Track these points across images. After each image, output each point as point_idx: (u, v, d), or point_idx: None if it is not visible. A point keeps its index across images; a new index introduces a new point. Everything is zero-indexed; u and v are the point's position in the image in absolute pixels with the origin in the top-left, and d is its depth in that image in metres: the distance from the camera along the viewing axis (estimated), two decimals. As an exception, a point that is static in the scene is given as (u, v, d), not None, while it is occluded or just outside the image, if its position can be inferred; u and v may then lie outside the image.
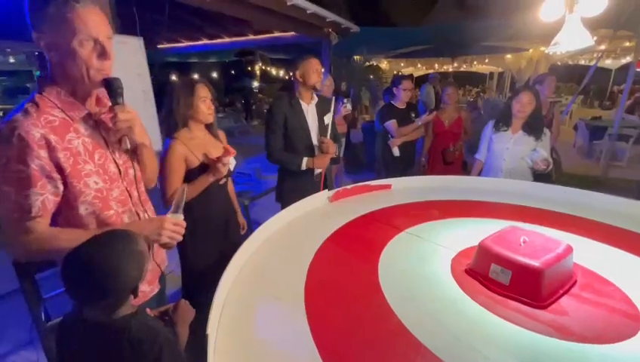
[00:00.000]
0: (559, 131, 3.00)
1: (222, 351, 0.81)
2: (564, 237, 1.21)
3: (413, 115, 3.06)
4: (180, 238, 0.99)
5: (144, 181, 1.16)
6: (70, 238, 0.86)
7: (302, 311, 0.95)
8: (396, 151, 3.04)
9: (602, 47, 6.68)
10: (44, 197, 0.86)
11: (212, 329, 0.83)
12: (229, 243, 1.69)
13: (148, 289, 1.15)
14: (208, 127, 1.66)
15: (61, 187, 0.90)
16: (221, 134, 1.74)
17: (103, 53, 0.89)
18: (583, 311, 0.96)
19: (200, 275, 1.64)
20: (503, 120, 2.32)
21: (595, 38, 6.43)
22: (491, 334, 0.88)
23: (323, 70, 2.08)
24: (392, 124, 2.98)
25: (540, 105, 2.24)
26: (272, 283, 1.11)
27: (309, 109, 2.10)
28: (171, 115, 1.53)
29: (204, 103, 1.55)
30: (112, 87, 0.94)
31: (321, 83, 2.05)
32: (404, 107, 3.06)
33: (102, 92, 1.00)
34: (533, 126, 2.22)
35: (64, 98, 0.91)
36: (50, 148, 0.85)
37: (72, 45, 0.84)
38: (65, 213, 0.95)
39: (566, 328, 0.89)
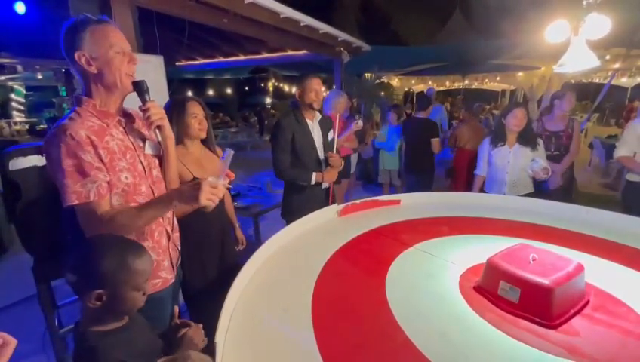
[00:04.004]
0: (579, 148, 2.89)
1: (229, 360, 0.82)
2: (575, 256, 1.19)
3: None
4: (217, 201, 1.01)
5: (169, 180, 1.28)
6: (126, 214, 1.02)
7: (309, 325, 0.96)
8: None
9: (616, 65, 6.63)
10: (98, 184, 0.99)
11: (220, 337, 0.84)
12: (225, 257, 1.69)
13: (164, 277, 1.22)
14: (205, 142, 1.68)
15: (108, 176, 1.02)
16: (218, 150, 1.76)
17: (131, 59, 1.08)
18: (596, 333, 0.94)
19: (198, 288, 1.64)
20: (499, 136, 2.42)
21: (607, 56, 6.41)
22: (500, 353, 0.87)
23: (327, 90, 2.15)
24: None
25: (530, 118, 2.39)
26: (280, 296, 1.12)
27: (314, 126, 2.15)
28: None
29: (195, 120, 1.58)
30: (141, 87, 1.10)
31: (319, 102, 2.09)
32: None
33: (127, 108, 1.18)
34: (527, 137, 2.35)
35: (99, 109, 1.07)
36: (93, 145, 1.00)
37: (110, 54, 1.02)
38: None
39: (578, 349, 0.87)
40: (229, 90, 19.23)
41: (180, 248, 1.33)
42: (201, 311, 1.62)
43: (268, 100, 19.06)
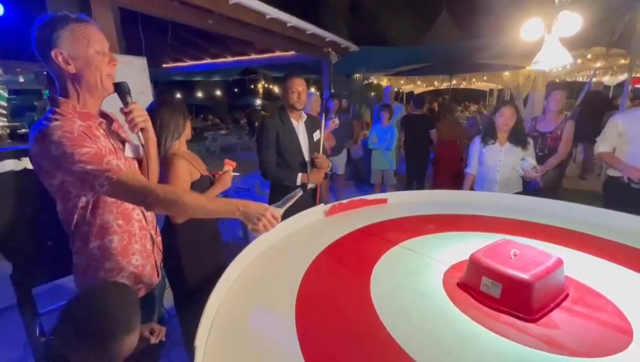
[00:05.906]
0: (567, 149, 2.88)
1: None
2: (556, 251, 1.21)
3: None
4: (269, 230, 1.06)
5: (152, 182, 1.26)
6: (194, 198, 1.02)
7: (292, 324, 0.96)
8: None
9: (597, 64, 6.79)
10: (118, 161, 0.99)
11: (201, 340, 0.83)
12: (216, 258, 1.70)
13: (146, 283, 1.22)
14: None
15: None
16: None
17: (112, 60, 1.05)
18: (574, 325, 0.95)
19: (189, 292, 1.61)
20: (489, 134, 2.45)
21: (589, 55, 6.56)
22: (482, 348, 0.88)
23: (312, 90, 2.16)
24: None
25: (520, 117, 2.41)
26: (265, 296, 1.11)
27: (299, 126, 2.15)
28: (167, 132, 1.54)
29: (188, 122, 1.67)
30: (122, 88, 1.07)
31: (301, 102, 2.08)
32: None
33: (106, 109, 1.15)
34: (518, 136, 2.38)
35: (79, 110, 1.03)
36: (91, 140, 0.98)
37: (89, 54, 0.99)
38: (95, 202, 1.05)
39: (556, 342, 0.88)
40: (218, 92, 19.11)
41: (162, 251, 1.31)
42: (191, 313, 1.60)
43: (258, 102, 19.00)
